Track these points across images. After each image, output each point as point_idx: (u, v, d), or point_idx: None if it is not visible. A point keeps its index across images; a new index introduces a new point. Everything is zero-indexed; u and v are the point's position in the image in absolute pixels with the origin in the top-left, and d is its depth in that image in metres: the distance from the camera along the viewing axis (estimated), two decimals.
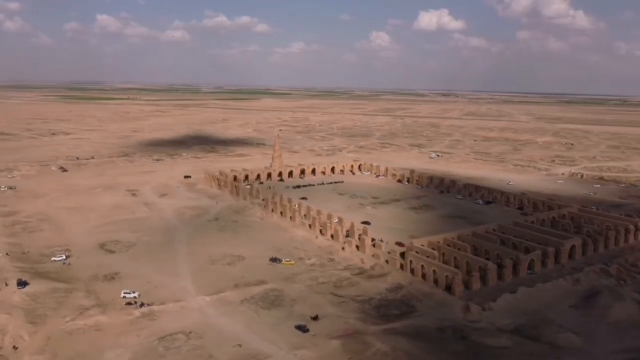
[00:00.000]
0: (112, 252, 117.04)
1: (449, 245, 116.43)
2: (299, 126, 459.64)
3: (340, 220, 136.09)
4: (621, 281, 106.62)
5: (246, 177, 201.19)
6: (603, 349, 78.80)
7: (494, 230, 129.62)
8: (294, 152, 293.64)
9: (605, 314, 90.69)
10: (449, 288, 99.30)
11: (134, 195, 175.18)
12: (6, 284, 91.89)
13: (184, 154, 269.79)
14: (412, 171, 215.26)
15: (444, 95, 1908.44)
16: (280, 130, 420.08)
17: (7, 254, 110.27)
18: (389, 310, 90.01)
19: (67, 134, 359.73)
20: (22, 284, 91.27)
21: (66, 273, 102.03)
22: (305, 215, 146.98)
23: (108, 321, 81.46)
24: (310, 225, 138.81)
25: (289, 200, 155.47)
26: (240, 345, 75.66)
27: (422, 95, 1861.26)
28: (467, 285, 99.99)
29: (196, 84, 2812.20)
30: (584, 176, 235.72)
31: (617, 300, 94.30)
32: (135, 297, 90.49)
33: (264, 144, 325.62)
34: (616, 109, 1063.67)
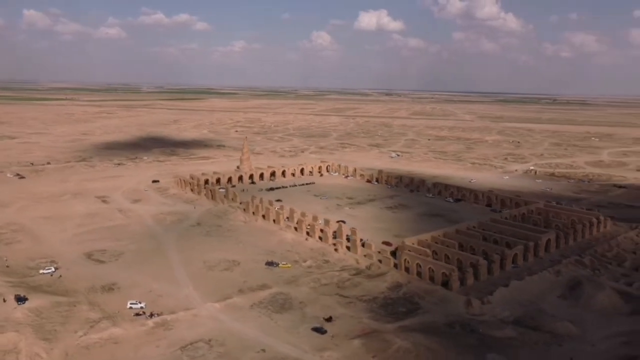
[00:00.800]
0: (101, 262, 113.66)
1: (437, 243, 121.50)
2: (255, 127, 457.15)
3: (327, 222, 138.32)
4: (596, 271, 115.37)
5: (218, 180, 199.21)
6: (597, 335, 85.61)
7: (474, 227, 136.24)
8: (257, 153, 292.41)
9: (590, 303, 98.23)
10: (445, 284, 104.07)
11: (105, 202, 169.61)
12: (4, 300, 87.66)
13: (145, 158, 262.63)
14: (380, 171, 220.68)
15: (387, 94, 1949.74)
16: (236, 131, 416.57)
17: (7, 267, 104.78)
18: (396, 308, 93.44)
19: (12, 138, 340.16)
20: (21, 299, 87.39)
21: (61, 286, 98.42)
22: (288, 218, 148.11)
23: (123, 333, 79.86)
24: (296, 228, 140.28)
25: (271, 203, 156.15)
26: (264, 350, 76.55)
27: (366, 94, 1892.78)
28: (461, 281, 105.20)
29: (135, 84, 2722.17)
30: (537, 173, 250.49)
31: (599, 289, 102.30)
32: (142, 308, 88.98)
33: (224, 146, 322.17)
34: (549, 107, 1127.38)
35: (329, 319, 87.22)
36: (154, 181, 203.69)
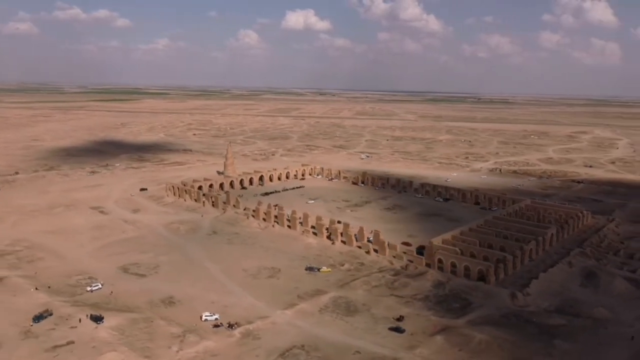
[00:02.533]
0: (142, 275, 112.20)
1: (460, 242, 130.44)
2: (211, 130, 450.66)
3: (346, 225, 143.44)
4: (599, 261, 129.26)
5: (211, 186, 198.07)
6: (628, 317, 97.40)
7: (483, 225, 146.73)
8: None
9: (609, 290, 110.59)
10: (481, 279, 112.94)
11: (103, 213, 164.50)
12: (80, 320, 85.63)
13: (118, 165, 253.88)
14: (364, 173, 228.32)
15: (321, 94, 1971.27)
16: (194, 134, 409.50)
17: (36, 288, 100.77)
18: (450, 305, 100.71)
19: None
20: (98, 318, 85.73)
21: (119, 302, 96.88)
22: (302, 222, 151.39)
23: (216, 346, 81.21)
24: (315, 233, 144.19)
25: (282, 208, 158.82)
26: (359, 352, 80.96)
27: (301, 94, 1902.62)
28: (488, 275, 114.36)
29: (53, 83, 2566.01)
30: (502, 171, 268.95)
31: (613, 277, 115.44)
32: (217, 319, 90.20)
33: (190, 150, 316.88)
34: (477, 106, 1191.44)
35: (400, 319, 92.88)
36: (142, 189, 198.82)
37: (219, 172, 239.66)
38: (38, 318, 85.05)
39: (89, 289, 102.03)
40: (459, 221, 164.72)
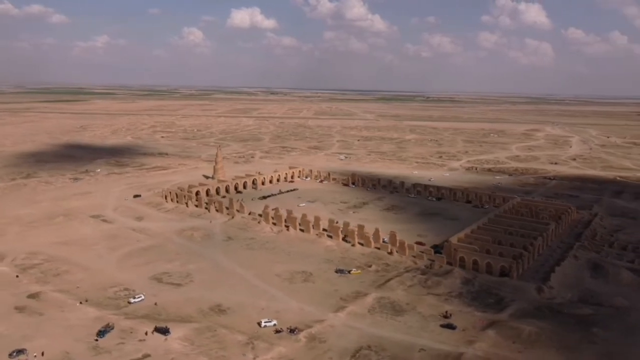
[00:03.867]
0: (178, 284, 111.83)
1: (475, 240, 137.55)
2: (178, 132, 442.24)
3: (361, 227, 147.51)
4: (598, 253, 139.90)
5: (207, 191, 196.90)
6: None
7: (488, 224, 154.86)
8: (208, 161, 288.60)
9: (617, 280, 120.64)
10: (502, 275, 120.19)
11: (105, 221, 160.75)
12: (146, 334, 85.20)
13: (98, 171, 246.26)
14: (353, 174, 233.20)
15: (272, 93, 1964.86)
16: (162, 137, 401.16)
17: (80, 302, 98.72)
18: (486, 300, 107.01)
19: None
20: (165, 330, 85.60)
21: (171, 313, 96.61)
22: (314, 225, 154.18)
23: (288, 351, 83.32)
24: (330, 235, 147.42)
25: (290, 212, 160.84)
26: (424, 349, 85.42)
27: (253, 94, 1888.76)
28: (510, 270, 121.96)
29: None
30: (478, 169, 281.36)
31: (617, 268, 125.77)
32: (275, 325, 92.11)
33: (166, 154, 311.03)
34: (428, 105, 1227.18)
35: (447, 316, 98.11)
36: (136, 195, 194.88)
37: (205, 176, 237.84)
38: (102, 333, 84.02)
39: (132, 300, 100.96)
40: (458, 219, 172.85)
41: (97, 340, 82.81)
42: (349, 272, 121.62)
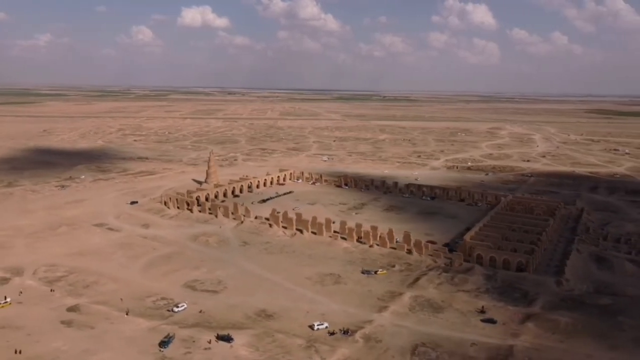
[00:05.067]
0: (213, 291, 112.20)
1: (486, 237, 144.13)
2: (150, 135, 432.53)
3: (374, 228, 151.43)
4: (596, 246, 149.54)
5: (207, 197, 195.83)
6: None
7: (492, 221, 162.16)
8: (192, 164, 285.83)
9: (622, 271, 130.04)
10: (519, 270, 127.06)
11: (112, 230, 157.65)
12: (209, 342, 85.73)
13: (82, 177, 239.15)
14: (345, 175, 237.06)
15: (229, 93, 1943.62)
16: (135, 140, 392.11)
17: (127, 314, 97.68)
18: (513, 294, 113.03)
19: None
20: (228, 338, 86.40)
21: (220, 320, 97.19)
22: (324, 227, 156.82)
23: (350, 352, 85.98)
24: (344, 237, 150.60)
25: (300, 215, 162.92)
26: (475, 344, 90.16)
27: (209, 94, 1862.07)
28: (527, 266, 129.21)
29: None
30: (458, 167, 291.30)
31: (620, 260, 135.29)
32: (327, 327, 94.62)
33: (147, 158, 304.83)
34: (386, 104, 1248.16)
35: (484, 311, 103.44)
36: (133, 202, 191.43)
37: (196, 181, 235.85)
38: (165, 343, 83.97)
39: (176, 309, 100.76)
40: (456, 218, 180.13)
41: (161, 351, 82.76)
42: (376, 272, 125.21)
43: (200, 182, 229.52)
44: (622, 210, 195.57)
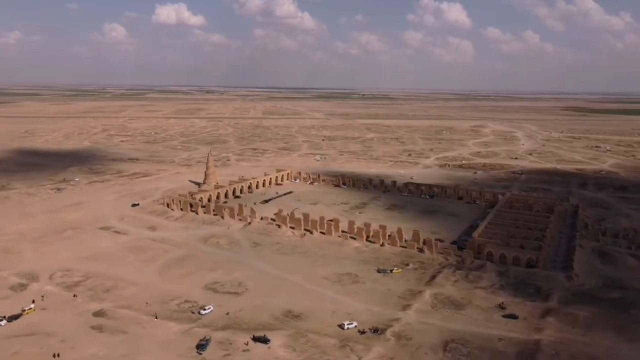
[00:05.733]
0: (235, 293, 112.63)
1: (493, 235, 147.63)
2: (135, 135, 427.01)
3: (383, 227, 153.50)
4: (597, 242, 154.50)
5: (209, 198, 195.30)
6: None
7: (496, 219, 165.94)
8: (185, 165, 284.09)
9: (625, 265, 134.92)
10: (528, 266, 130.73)
11: (118, 233, 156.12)
12: (246, 344, 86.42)
13: (76, 179, 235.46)
14: (343, 175, 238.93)
15: (207, 92, 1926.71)
16: (122, 141, 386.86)
17: (156, 317, 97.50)
18: (527, 290, 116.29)
19: None
20: (265, 339, 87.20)
21: (249, 321, 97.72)
22: (334, 227, 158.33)
23: (385, 351, 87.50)
24: (353, 237, 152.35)
25: (307, 215, 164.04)
26: (502, 339, 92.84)
27: (188, 93, 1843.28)
28: (537, 262, 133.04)
29: None
30: (450, 166, 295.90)
31: (623, 255, 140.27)
32: (356, 326, 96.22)
33: (137, 159, 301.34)
34: (367, 102, 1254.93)
35: (504, 307, 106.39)
36: (134, 204, 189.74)
37: (193, 182, 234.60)
38: (203, 346, 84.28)
39: (203, 312, 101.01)
40: (458, 216, 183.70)
41: (200, 354, 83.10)
42: (391, 271, 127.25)
43: (198, 184, 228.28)
44: (613, 206, 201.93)
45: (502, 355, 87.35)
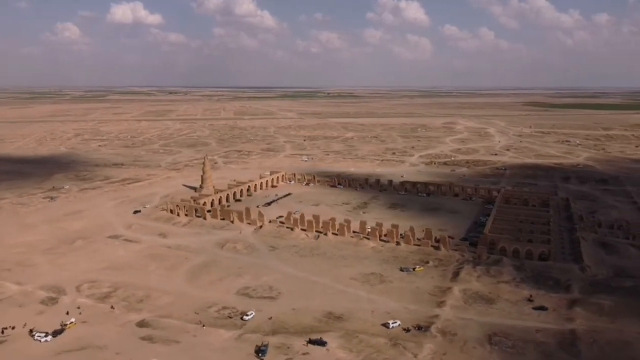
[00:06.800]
0: (270, 297, 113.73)
1: (502, 231, 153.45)
2: (112, 139, 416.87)
3: (395, 226, 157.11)
4: (596, 233, 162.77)
5: (212, 202, 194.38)
6: None
7: (500, 214, 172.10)
8: (174, 169, 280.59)
9: (628, 255, 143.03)
10: (543, 259, 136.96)
11: (130, 241, 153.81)
12: (305, 344, 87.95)
13: (67, 187, 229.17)
14: (338, 175, 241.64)
15: (171, 92, 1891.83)
16: (100, 146, 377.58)
17: (203, 325, 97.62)
18: (547, 282, 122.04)
19: None
20: (322, 342, 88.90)
21: (293, 324, 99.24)
22: (342, 227, 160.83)
23: (437, 348, 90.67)
24: (367, 237, 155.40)
25: (317, 217, 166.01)
26: (539, 331, 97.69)
27: (150, 94, 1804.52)
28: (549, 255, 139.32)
29: None
30: (436, 163, 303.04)
31: (624, 246, 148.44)
32: (400, 325, 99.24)
33: (122, 164, 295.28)
34: (336, 101, 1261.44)
35: (532, 299, 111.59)
36: (136, 211, 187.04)
37: (188, 187, 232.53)
38: (263, 352, 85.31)
39: (246, 317, 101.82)
40: (458, 212, 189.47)
41: (262, 359, 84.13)
42: (414, 269, 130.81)
43: (194, 188, 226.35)
44: (599, 199, 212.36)
45: (544, 346, 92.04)
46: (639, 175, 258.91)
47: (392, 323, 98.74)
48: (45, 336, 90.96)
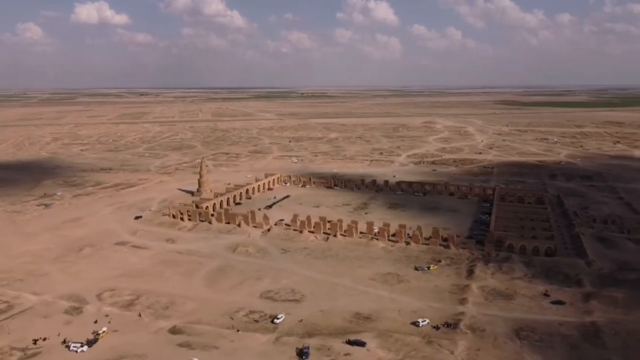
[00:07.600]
0: (295, 300, 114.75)
1: (506, 228, 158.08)
2: (94, 143, 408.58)
3: (402, 226, 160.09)
4: (592, 228, 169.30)
5: (213, 206, 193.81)
6: None
7: (501, 212, 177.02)
8: (166, 173, 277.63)
9: (627, 249, 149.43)
10: (549, 255, 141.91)
11: (138, 247, 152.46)
12: (349, 343, 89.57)
13: (59, 193, 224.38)
14: (334, 176, 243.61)
15: (142, 94, 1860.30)
16: (82, 150, 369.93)
17: (237, 330, 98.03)
18: (557, 277, 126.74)
19: None
20: (361, 343, 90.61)
21: (325, 326, 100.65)
22: (350, 228, 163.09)
23: (471, 344, 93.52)
24: (376, 238, 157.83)
25: (325, 219, 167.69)
26: (561, 324, 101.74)
27: (121, 95, 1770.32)
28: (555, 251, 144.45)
29: None
30: (425, 162, 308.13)
31: (623, 240, 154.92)
32: (429, 323, 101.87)
33: (110, 169, 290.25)
34: (312, 101, 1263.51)
35: (548, 294, 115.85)
36: (137, 217, 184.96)
37: (183, 190, 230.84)
38: (305, 354, 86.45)
39: (277, 321, 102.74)
40: (457, 211, 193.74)
41: None
42: (428, 268, 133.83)
43: (190, 192, 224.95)
44: (587, 195, 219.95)
45: (570, 338, 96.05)
46: (620, 171, 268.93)
47: (422, 322, 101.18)
48: (82, 346, 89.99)
